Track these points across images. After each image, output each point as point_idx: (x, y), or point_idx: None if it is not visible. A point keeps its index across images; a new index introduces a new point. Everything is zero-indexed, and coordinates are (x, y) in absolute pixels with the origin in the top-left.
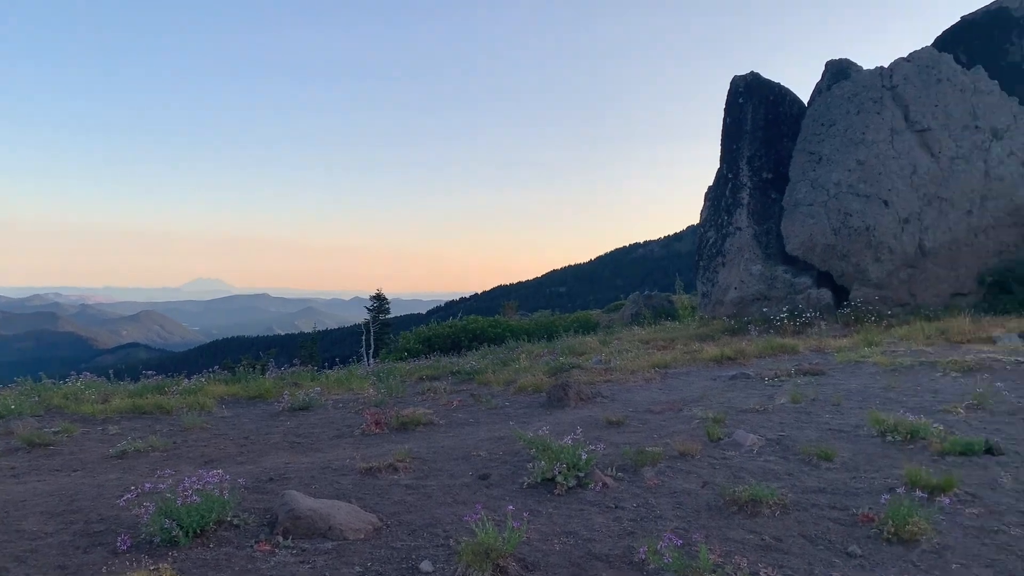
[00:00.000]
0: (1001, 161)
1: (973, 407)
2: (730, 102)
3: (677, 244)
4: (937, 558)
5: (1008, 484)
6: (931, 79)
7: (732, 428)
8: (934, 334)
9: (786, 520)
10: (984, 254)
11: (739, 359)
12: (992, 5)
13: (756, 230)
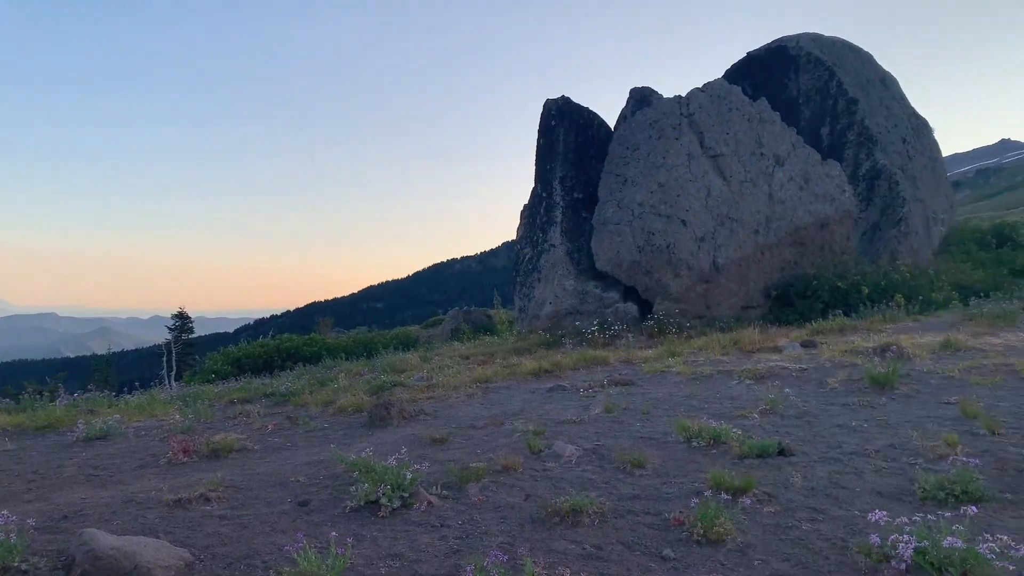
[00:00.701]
0: (783, 185)
1: (766, 411)
2: (544, 124)
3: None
4: (741, 556)
5: (799, 483)
6: (723, 108)
7: (551, 440)
8: (728, 344)
9: (605, 528)
10: (770, 270)
11: (556, 372)
12: (773, 43)
13: (569, 247)
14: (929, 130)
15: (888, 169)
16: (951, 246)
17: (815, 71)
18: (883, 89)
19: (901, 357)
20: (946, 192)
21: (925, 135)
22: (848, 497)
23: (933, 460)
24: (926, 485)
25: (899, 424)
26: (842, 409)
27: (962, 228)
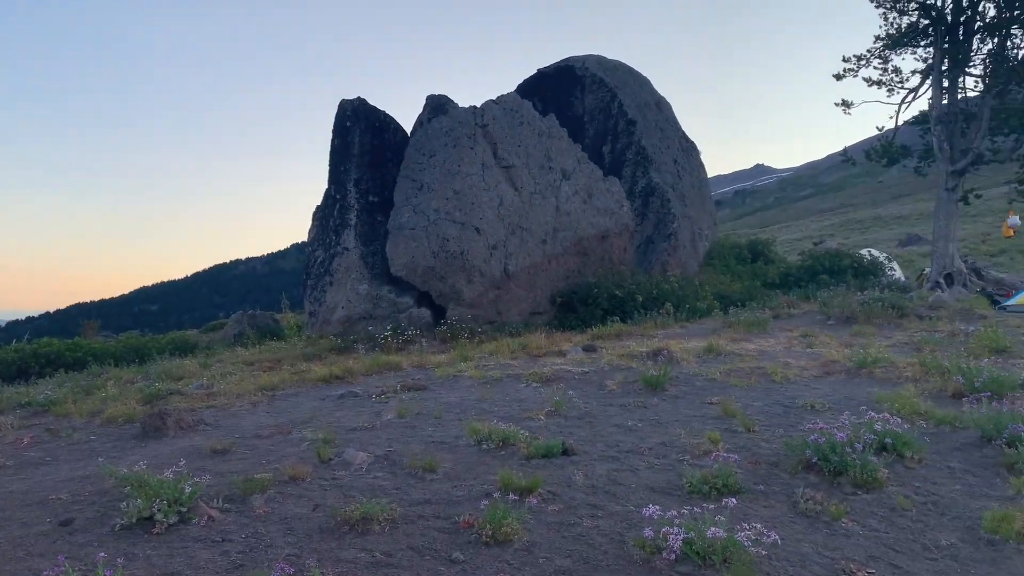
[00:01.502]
0: (568, 198)
1: (552, 413)
2: (338, 125)
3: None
4: (527, 555)
5: (581, 481)
6: (515, 121)
7: (342, 447)
8: (518, 349)
9: (396, 534)
10: (556, 278)
11: (347, 378)
12: (561, 62)
13: (363, 251)
14: (697, 152)
15: (661, 187)
16: (714, 259)
17: (599, 92)
18: (658, 112)
19: (671, 361)
20: (710, 210)
21: (693, 157)
22: (625, 493)
23: (699, 456)
24: (692, 480)
25: (669, 423)
26: (619, 410)
27: (723, 243)
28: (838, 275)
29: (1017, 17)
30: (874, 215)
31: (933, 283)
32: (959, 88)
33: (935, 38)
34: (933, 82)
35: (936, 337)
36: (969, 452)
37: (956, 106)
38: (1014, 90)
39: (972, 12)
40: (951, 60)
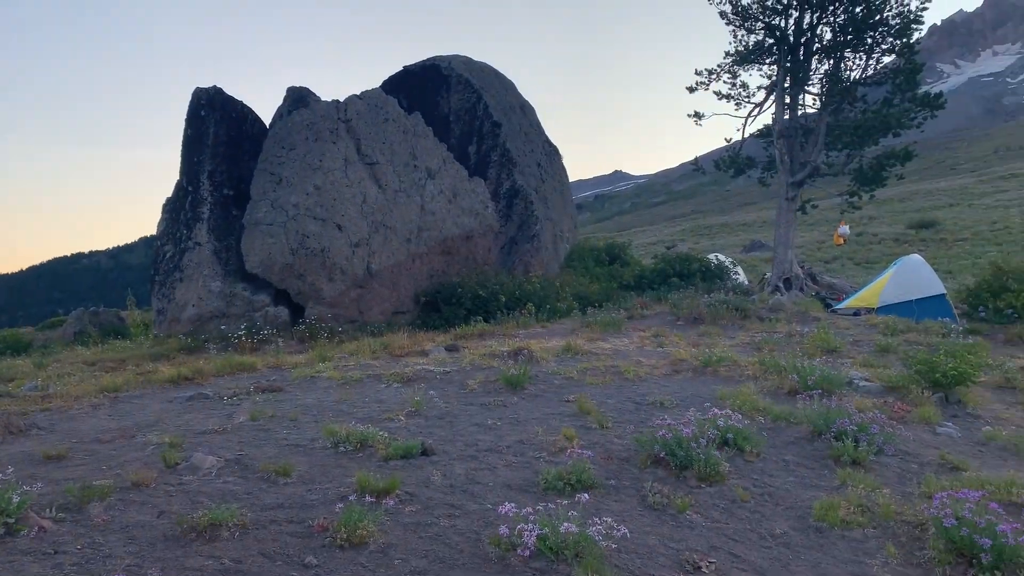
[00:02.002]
0: (434, 197)
1: (412, 413)
2: (192, 114)
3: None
4: (383, 557)
5: (439, 481)
6: (380, 118)
7: (190, 452)
8: (379, 349)
9: (246, 540)
10: (420, 277)
11: (197, 379)
12: (428, 61)
13: (217, 246)
14: (559, 157)
15: (525, 190)
16: (574, 261)
17: (465, 92)
18: (523, 116)
19: (531, 360)
20: (571, 213)
21: (556, 161)
22: (483, 492)
23: (555, 453)
24: (548, 476)
25: (528, 421)
26: (480, 409)
27: (583, 246)
28: (688, 278)
29: (850, 42)
30: (722, 222)
31: (773, 287)
32: (799, 105)
33: (779, 57)
34: (776, 98)
35: (775, 338)
36: (802, 446)
37: (796, 121)
38: (847, 108)
39: (811, 34)
40: (792, 78)
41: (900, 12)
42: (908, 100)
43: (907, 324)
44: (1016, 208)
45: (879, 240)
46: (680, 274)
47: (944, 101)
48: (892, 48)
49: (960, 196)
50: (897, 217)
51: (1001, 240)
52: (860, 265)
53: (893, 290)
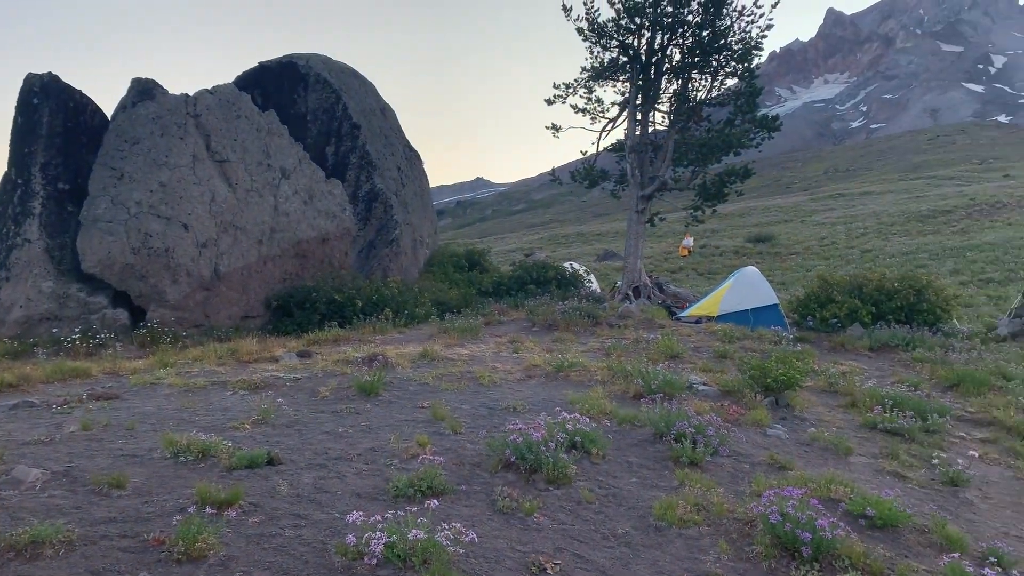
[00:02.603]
0: (288, 198)
1: (259, 422)
2: (24, 101)
3: None
4: (223, 570)
5: (285, 490)
6: (232, 114)
7: (12, 464)
8: (226, 355)
9: (72, 557)
10: (272, 280)
11: (23, 386)
12: (285, 58)
13: (49, 244)
14: (420, 161)
15: (385, 193)
16: (433, 267)
17: (324, 92)
18: (383, 119)
19: (386, 366)
20: (431, 218)
21: (417, 165)
22: (331, 501)
23: (407, 460)
24: (399, 483)
25: (381, 428)
26: (331, 416)
27: (443, 251)
28: (544, 285)
29: (697, 63)
30: (578, 231)
31: (623, 295)
32: (650, 122)
33: (632, 75)
34: (629, 114)
35: (623, 344)
36: (645, 447)
37: (647, 137)
38: (693, 127)
39: (662, 55)
40: (644, 96)
41: (742, 38)
42: (748, 121)
43: (743, 332)
44: (842, 225)
45: (721, 252)
46: (537, 281)
47: (780, 124)
48: (735, 72)
49: (793, 213)
50: (737, 231)
51: (829, 255)
52: (703, 275)
53: (731, 300)
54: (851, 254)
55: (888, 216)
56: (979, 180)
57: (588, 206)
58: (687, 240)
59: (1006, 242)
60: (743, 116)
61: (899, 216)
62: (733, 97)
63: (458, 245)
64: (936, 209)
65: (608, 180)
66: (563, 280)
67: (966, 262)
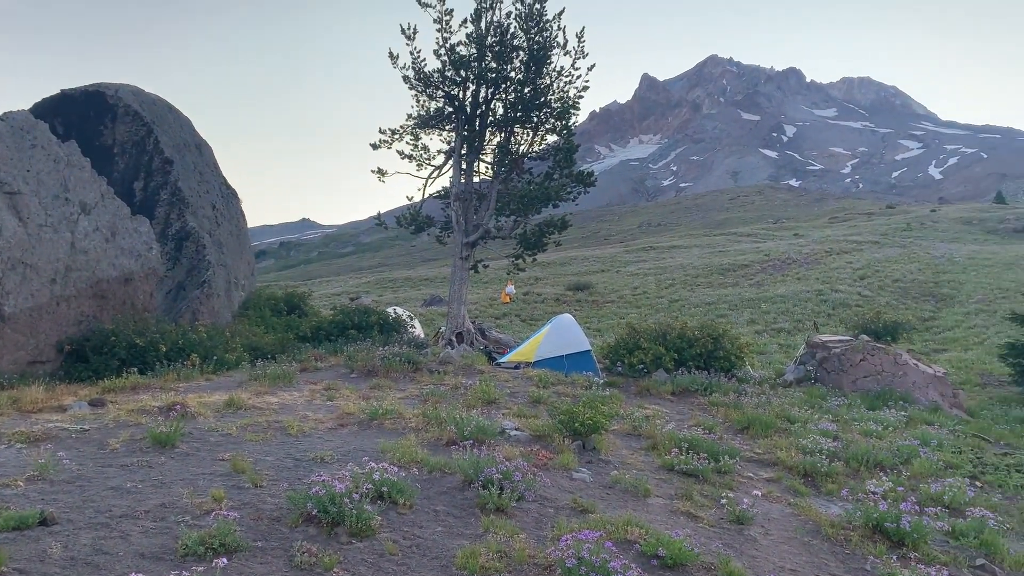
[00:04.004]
0: (88, 235)
1: (34, 478)
2: None
3: None
4: None
5: (58, 554)
6: (26, 143)
7: None
8: (6, 404)
9: None
10: (66, 323)
11: None
12: (91, 86)
13: None
14: (237, 200)
15: (197, 232)
16: (249, 310)
17: (134, 124)
18: (199, 155)
19: (186, 416)
20: (248, 259)
21: (234, 204)
22: (110, 563)
23: (199, 516)
24: (188, 541)
25: (174, 482)
26: (120, 471)
27: (261, 294)
28: (366, 330)
29: (519, 118)
30: (406, 276)
31: (447, 341)
32: (474, 171)
33: (457, 125)
34: (454, 163)
35: (441, 390)
36: (453, 495)
37: (471, 186)
38: (515, 178)
39: (486, 108)
40: (468, 146)
41: (561, 97)
42: (566, 176)
43: (558, 377)
44: (653, 276)
45: (542, 299)
46: (359, 326)
47: (595, 179)
48: (554, 128)
49: (610, 263)
50: (558, 279)
51: (640, 303)
52: (526, 322)
53: (547, 346)
54: (661, 303)
55: (694, 268)
56: (773, 238)
57: (417, 251)
58: (509, 287)
59: (795, 295)
60: (561, 170)
61: (703, 269)
62: (553, 152)
63: (278, 288)
64: (735, 263)
65: (434, 226)
66: (386, 325)
67: (760, 312)
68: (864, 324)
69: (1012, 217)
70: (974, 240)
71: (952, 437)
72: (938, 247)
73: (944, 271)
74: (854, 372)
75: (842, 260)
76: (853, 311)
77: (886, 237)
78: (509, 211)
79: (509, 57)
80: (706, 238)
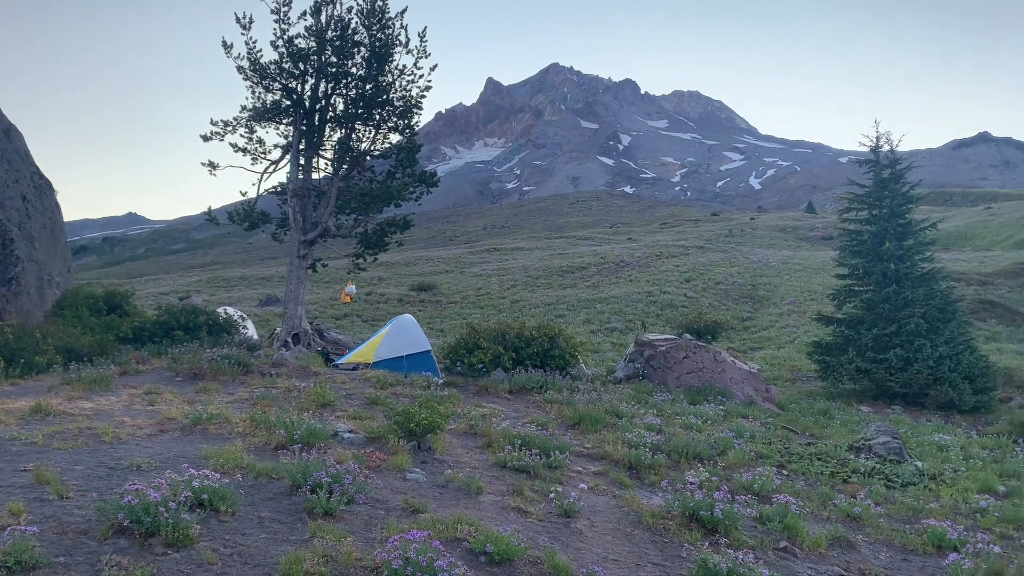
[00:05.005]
0: None
1: None
2: None
3: None
4: None
5: None
6: None
7: None
8: None
9: None
10: None
11: None
12: None
13: None
14: (52, 192)
15: (5, 226)
16: (65, 310)
17: None
18: (7, 141)
19: None
20: (65, 255)
21: (48, 196)
22: None
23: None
24: None
25: None
26: None
27: (78, 293)
28: (193, 331)
29: (360, 115)
30: (241, 274)
31: (282, 342)
32: (314, 167)
33: (295, 119)
34: (292, 158)
35: (273, 393)
36: (280, 501)
37: (310, 183)
38: (356, 176)
39: (326, 103)
40: (307, 141)
41: (403, 96)
42: (408, 175)
43: (397, 378)
44: (496, 277)
45: (386, 300)
46: (185, 327)
47: (438, 180)
48: (397, 127)
49: (455, 264)
50: (403, 280)
51: (484, 304)
52: (368, 323)
53: (387, 347)
54: (503, 304)
55: (535, 270)
56: (609, 242)
57: (255, 249)
58: (350, 287)
59: (627, 296)
60: (404, 170)
61: (544, 270)
62: (395, 151)
63: (99, 286)
64: (574, 265)
65: (270, 223)
66: (215, 326)
67: (596, 313)
68: (688, 324)
69: (820, 226)
70: (788, 246)
71: (764, 429)
72: (756, 253)
73: (761, 275)
74: (678, 369)
75: (671, 264)
76: (679, 312)
77: (710, 243)
78: (350, 209)
79: (350, 53)
80: (547, 241)
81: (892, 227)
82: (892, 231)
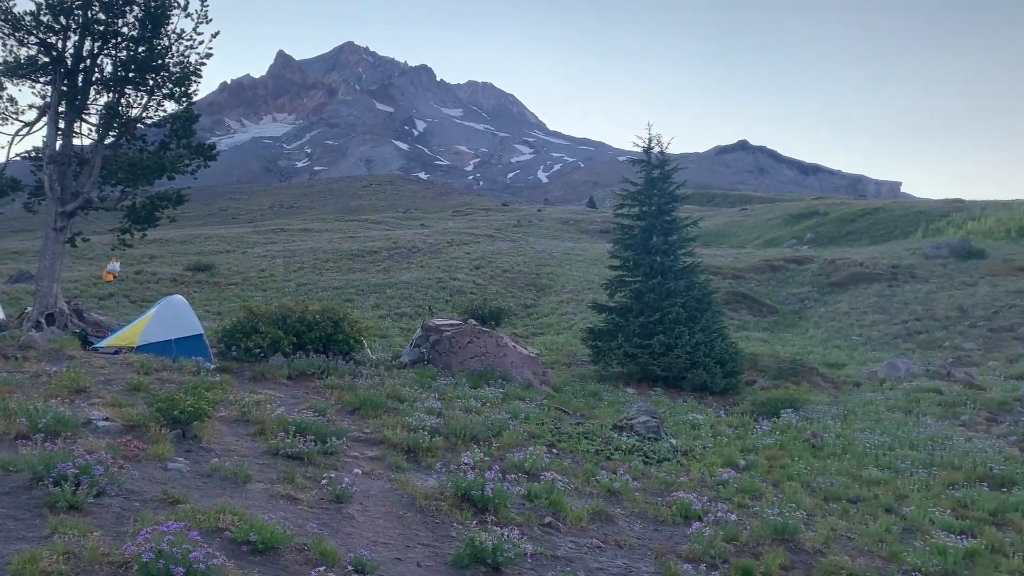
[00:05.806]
0: None
1: None
2: None
3: None
4: None
5: None
6: None
7: None
8: None
9: None
10: None
11: None
12: None
13: None
14: None
15: None
16: None
17: None
18: None
19: None
20: None
21: None
22: None
23: None
24: None
25: None
26: None
27: None
28: None
29: (131, 79)
30: None
31: (34, 322)
32: (75, 132)
33: (55, 79)
34: (49, 121)
35: (18, 378)
36: (18, 496)
37: (71, 149)
38: (125, 145)
39: (92, 63)
40: (68, 104)
41: (181, 62)
42: (184, 147)
43: (164, 363)
44: (282, 259)
45: (157, 280)
46: None
47: (217, 153)
48: (172, 94)
49: (237, 244)
50: (178, 259)
51: (267, 286)
52: (136, 303)
53: (154, 329)
54: (288, 286)
55: (324, 253)
56: (401, 226)
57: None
58: (112, 264)
59: (418, 282)
60: (179, 140)
61: (333, 253)
62: (170, 120)
63: None
64: (365, 249)
65: (22, 191)
66: None
67: (386, 298)
68: (473, 309)
69: (600, 220)
70: (570, 238)
71: (538, 410)
72: (541, 243)
73: (545, 264)
74: (462, 353)
75: (461, 251)
76: (467, 298)
77: (500, 232)
78: (116, 180)
79: (121, 11)
80: (338, 223)
81: (659, 223)
82: (659, 227)
